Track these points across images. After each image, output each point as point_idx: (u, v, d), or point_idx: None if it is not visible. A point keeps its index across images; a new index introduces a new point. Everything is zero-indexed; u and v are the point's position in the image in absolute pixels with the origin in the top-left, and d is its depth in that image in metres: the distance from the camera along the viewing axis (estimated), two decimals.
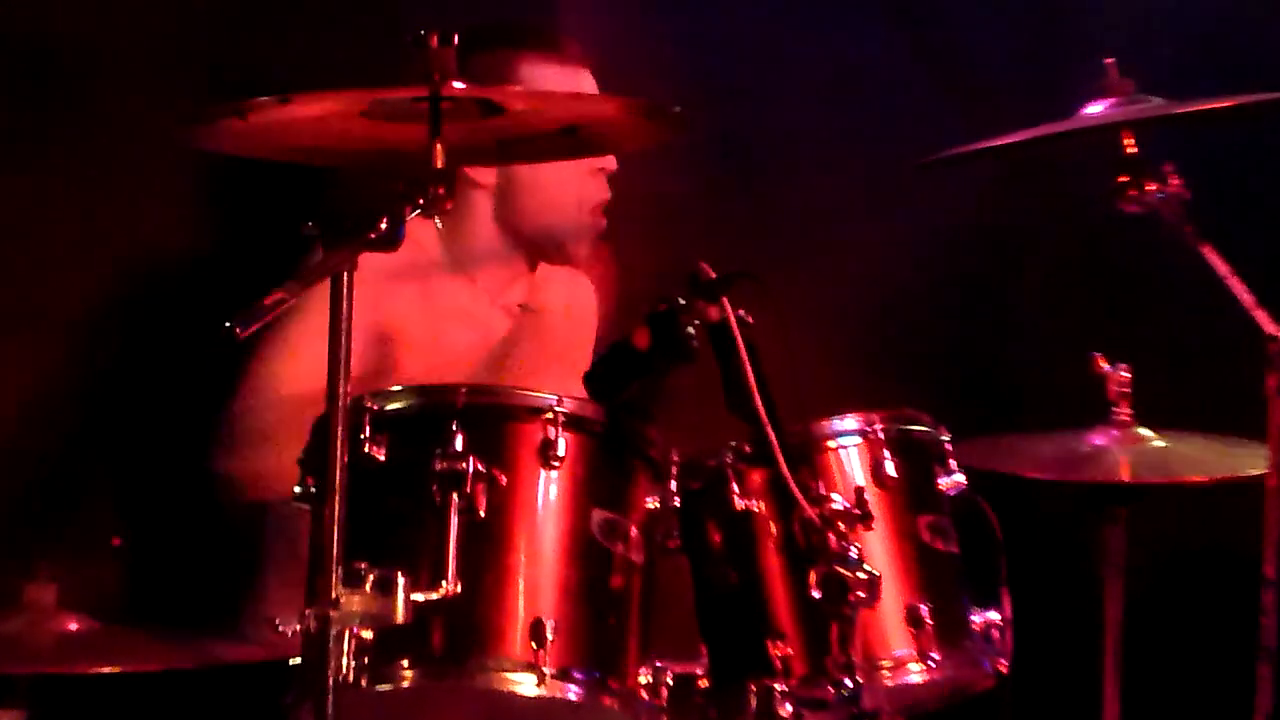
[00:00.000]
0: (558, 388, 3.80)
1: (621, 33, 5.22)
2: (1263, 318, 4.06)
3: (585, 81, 4.48)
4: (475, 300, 4.64)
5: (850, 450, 3.79)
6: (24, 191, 4.68)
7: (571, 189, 4.56)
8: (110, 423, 4.69)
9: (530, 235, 4.64)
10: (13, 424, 4.68)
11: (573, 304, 4.82)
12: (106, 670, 3.66)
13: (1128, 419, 4.50)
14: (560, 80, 4.40)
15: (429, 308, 3.79)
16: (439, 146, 3.33)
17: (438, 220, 4.15)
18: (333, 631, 3.17)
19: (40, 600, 3.68)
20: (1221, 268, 4.13)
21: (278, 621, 3.33)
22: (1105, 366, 4.47)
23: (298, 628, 3.21)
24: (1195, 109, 4.36)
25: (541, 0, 5.21)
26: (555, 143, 3.82)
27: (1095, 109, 4.32)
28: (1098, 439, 4.50)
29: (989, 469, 4.33)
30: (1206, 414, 4.59)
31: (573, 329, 4.78)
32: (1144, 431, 4.53)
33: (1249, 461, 4.34)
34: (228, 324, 3.52)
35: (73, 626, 3.65)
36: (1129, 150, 4.22)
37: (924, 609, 3.72)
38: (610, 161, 4.55)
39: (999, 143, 4.46)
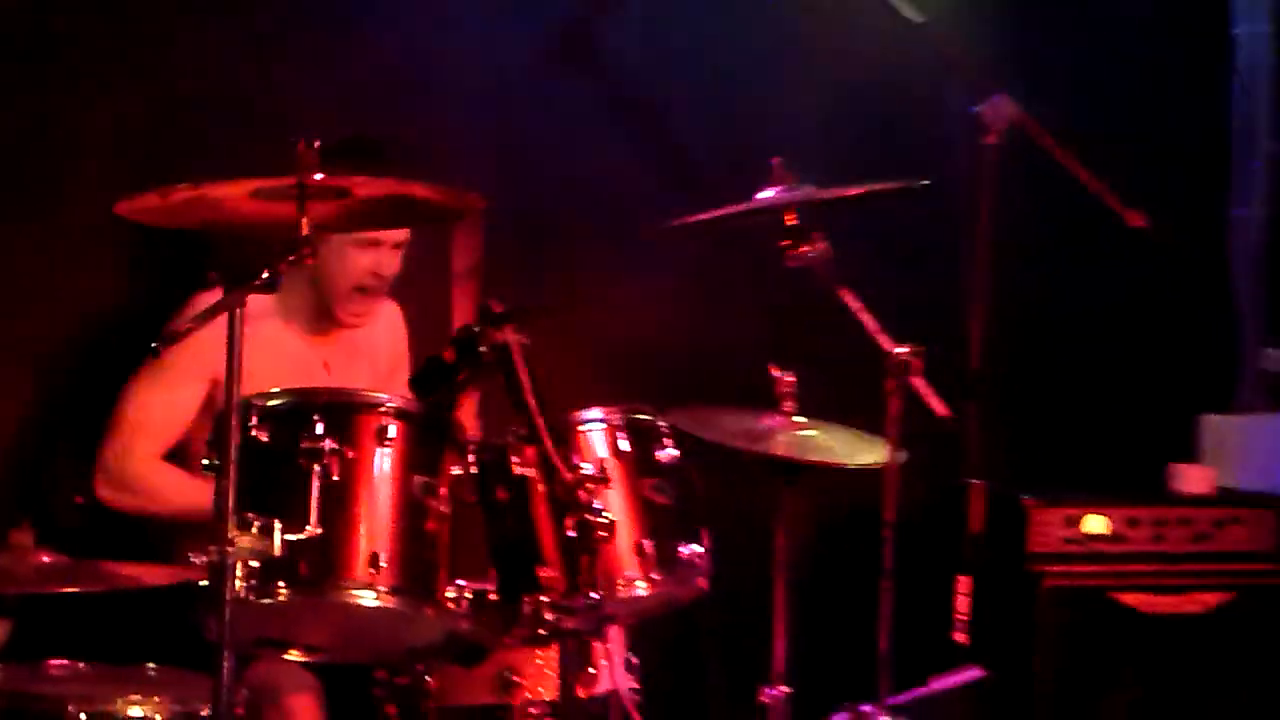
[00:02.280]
0: (376, 388, 4.20)
1: (444, 139, 5.26)
2: (884, 340, 4.33)
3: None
4: (292, 340, 4.66)
5: (595, 433, 4.04)
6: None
7: (337, 265, 4.55)
8: (71, 419, 4.77)
9: (322, 297, 4.64)
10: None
11: (388, 323, 4.90)
12: (71, 590, 3.77)
13: (790, 410, 4.54)
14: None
15: (256, 345, 3.57)
16: (304, 219, 3.51)
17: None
18: (229, 563, 3.37)
19: (22, 542, 3.75)
20: (854, 304, 4.38)
21: (192, 556, 3.52)
22: (777, 373, 4.52)
23: (205, 560, 3.40)
24: (832, 195, 4.52)
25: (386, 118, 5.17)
26: (385, 215, 4.11)
27: (766, 194, 4.45)
28: (769, 423, 4.52)
29: (706, 443, 4.39)
30: (851, 409, 4.58)
31: (389, 345, 4.89)
32: (800, 420, 4.56)
33: (876, 442, 4.48)
34: (153, 344, 3.88)
35: (46, 559, 3.73)
36: (789, 222, 4.39)
37: (647, 544, 4.00)
38: (397, 235, 4.57)
39: (701, 218, 4.59)
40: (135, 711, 3.80)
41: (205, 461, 3.68)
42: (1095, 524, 5.80)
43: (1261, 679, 5.85)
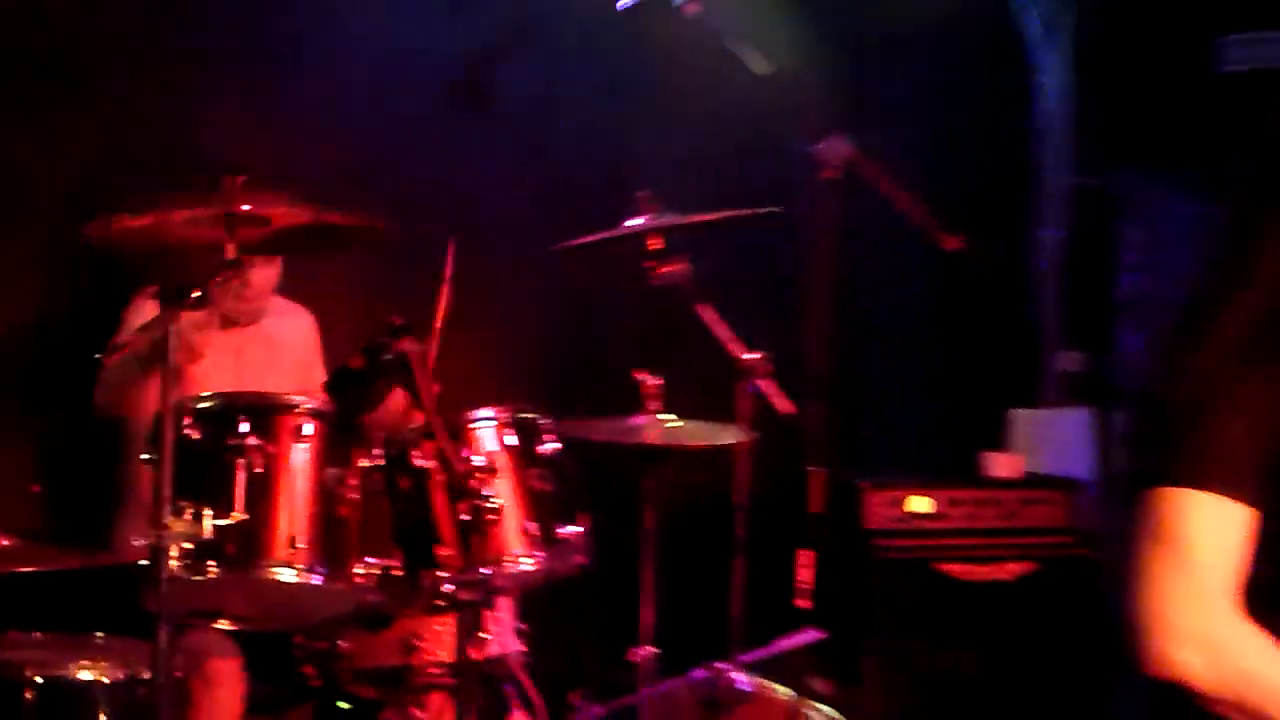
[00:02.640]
0: (287, 387, 4.22)
1: (355, 171, 5.23)
2: (736, 347, 4.42)
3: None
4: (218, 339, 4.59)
5: (485, 429, 4.05)
6: None
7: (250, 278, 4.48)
8: (28, 413, 4.77)
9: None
10: None
11: (299, 329, 4.88)
12: (27, 570, 3.80)
13: (657, 408, 4.55)
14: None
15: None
16: (230, 245, 3.60)
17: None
18: (165, 545, 3.45)
19: None
20: (710, 317, 4.45)
21: (134, 539, 3.62)
22: (645, 377, 4.52)
23: (145, 543, 3.47)
24: (690, 221, 4.58)
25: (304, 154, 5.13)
26: (303, 241, 4.14)
27: (634, 221, 4.50)
28: (637, 420, 4.55)
29: (583, 437, 4.45)
30: (709, 406, 4.64)
31: (301, 346, 4.86)
32: (665, 416, 4.58)
33: (730, 434, 4.54)
34: (96, 355, 3.89)
35: (4, 543, 3.76)
36: (654, 246, 4.45)
37: (531, 526, 4.03)
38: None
39: (579, 242, 4.61)
40: (85, 675, 3.83)
41: (145, 456, 3.67)
42: (920, 504, 5.88)
43: (1061, 636, 5.87)
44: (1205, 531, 2.34)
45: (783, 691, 4.69)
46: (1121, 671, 2.41)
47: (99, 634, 4.09)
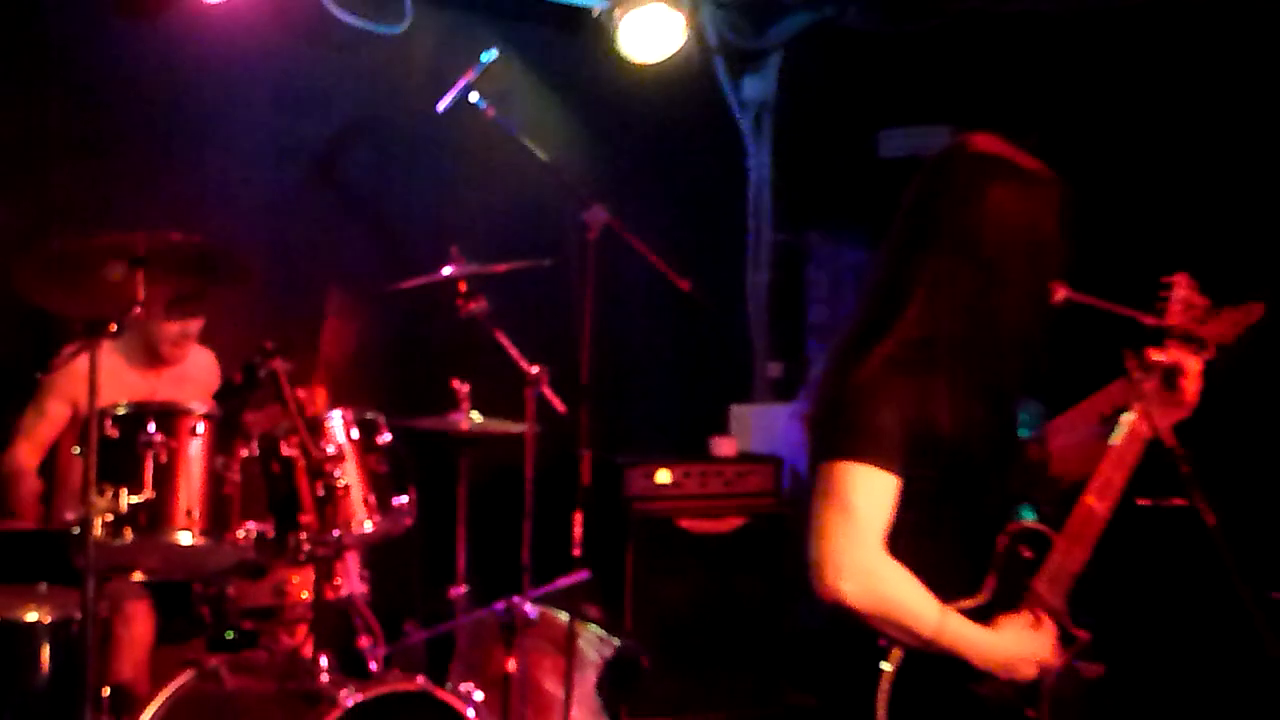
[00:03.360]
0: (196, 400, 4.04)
1: (236, 235, 4.96)
2: (523, 363, 4.50)
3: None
4: (131, 375, 4.49)
5: (336, 425, 3.96)
6: None
7: (157, 326, 4.43)
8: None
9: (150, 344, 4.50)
10: None
11: (203, 364, 4.74)
12: None
13: (467, 407, 4.52)
14: None
15: (106, 379, 3.50)
16: (140, 287, 3.47)
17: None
18: (91, 516, 3.40)
19: None
20: (504, 340, 4.52)
21: (66, 513, 3.63)
22: (457, 384, 4.53)
23: (75, 515, 3.47)
24: (488, 270, 4.54)
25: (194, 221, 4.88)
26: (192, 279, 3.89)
27: (447, 269, 4.52)
28: (453, 416, 4.52)
29: (411, 429, 4.46)
30: (504, 406, 4.64)
31: (201, 375, 4.70)
32: (475, 414, 4.57)
33: (520, 426, 4.57)
34: (38, 372, 3.82)
35: None
36: (461, 288, 4.48)
37: (371, 498, 3.96)
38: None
39: (406, 284, 4.58)
40: (30, 617, 3.75)
41: (75, 449, 3.66)
42: (664, 476, 5.92)
43: (766, 571, 6.01)
44: (864, 493, 2.45)
45: (562, 617, 4.67)
46: (806, 597, 2.50)
47: (42, 584, 4.01)
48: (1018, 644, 2.56)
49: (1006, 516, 2.66)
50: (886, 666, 2.48)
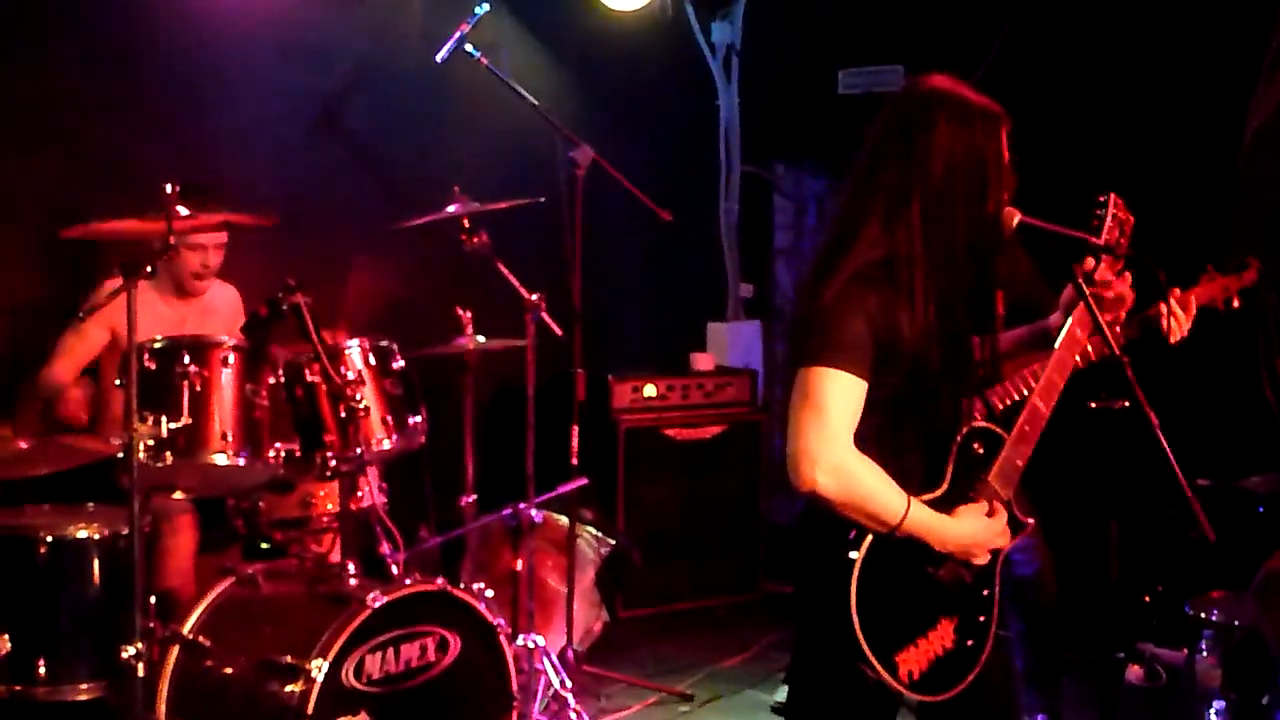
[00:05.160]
0: (225, 332, 4.05)
1: (250, 176, 5.07)
2: (523, 291, 4.44)
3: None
4: (163, 306, 4.44)
5: (354, 353, 3.92)
6: None
7: (181, 261, 4.34)
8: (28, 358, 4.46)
9: (177, 279, 4.46)
10: None
11: (227, 299, 4.67)
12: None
13: (471, 332, 4.45)
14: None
15: (143, 310, 3.50)
16: (172, 237, 3.49)
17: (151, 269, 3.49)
18: (134, 441, 3.40)
19: (4, 434, 3.77)
20: (505, 270, 4.47)
21: (113, 439, 3.61)
22: (460, 311, 4.46)
23: (120, 441, 3.46)
24: (488, 208, 4.49)
25: (211, 165, 5.00)
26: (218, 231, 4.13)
27: (451, 208, 4.46)
28: (459, 340, 4.45)
29: (432, 352, 4.41)
30: (506, 330, 4.57)
31: (226, 308, 4.63)
32: (478, 337, 4.48)
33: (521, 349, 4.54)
34: (80, 314, 3.82)
35: (23, 445, 3.72)
36: (465, 224, 4.43)
37: (388, 418, 3.94)
38: (218, 238, 4.39)
39: (414, 222, 4.50)
40: (82, 534, 3.78)
41: (118, 381, 3.60)
42: (650, 390, 5.98)
43: (744, 473, 6.09)
44: (836, 395, 2.46)
45: (563, 520, 4.78)
46: (785, 490, 2.53)
47: (90, 504, 4.03)
48: (974, 530, 2.59)
49: (961, 416, 2.68)
50: (855, 555, 2.49)
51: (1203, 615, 3.83)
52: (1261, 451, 4.38)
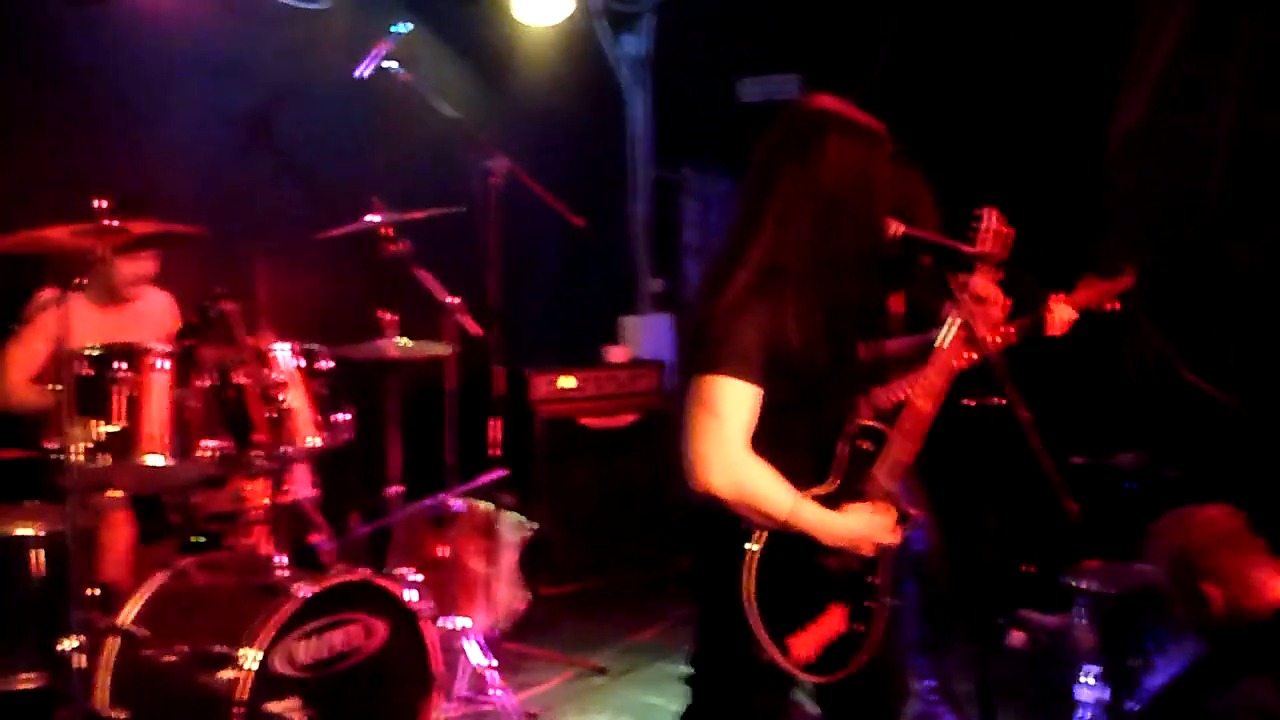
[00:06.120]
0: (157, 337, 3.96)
1: (181, 188, 4.95)
2: (442, 294, 4.45)
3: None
4: (94, 314, 4.29)
5: (283, 355, 3.83)
6: None
7: (115, 269, 4.25)
8: None
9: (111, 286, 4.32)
10: None
11: (159, 304, 4.57)
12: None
13: (394, 334, 4.43)
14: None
15: (77, 319, 3.55)
16: (104, 250, 3.46)
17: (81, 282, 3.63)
18: (69, 445, 3.37)
19: None
20: (424, 275, 4.46)
21: (45, 444, 3.56)
22: (385, 314, 4.42)
23: (56, 445, 3.41)
24: (407, 217, 4.43)
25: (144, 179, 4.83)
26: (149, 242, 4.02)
27: (371, 217, 4.43)
28: (381, 342, 4.40)
29: (347, 356, 4.22)
30: (426, 331, 4.55)
31: (158, 314, 4.53)
32: (402, 340, 4.44)
33: (440, 349, 4.55)
34: (12, 325, 3.72)
35: None
36: (384, 231, 4.41)
37: (316, 416, 3.87)
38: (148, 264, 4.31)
39: (335, 232, 4.49)
40: (25, 530, 3.74)
41: (54, 387, 3.53)
42: (567, 381, 5.99)
43: (656, 458, 6.06)
44: (730, 402, 2.47)
45: (485, 507, 4.78)
46: (682, 490, 2.53)
47: (33, 501, 3.97)
48: (861, 525, 2.61)
49: (848, 415, 2.70)
50: (752, 547, 2.51)
51: (1077, 584, 3.88)
52: (1129, 431, 4.50)
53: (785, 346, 2.52)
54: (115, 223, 3.43)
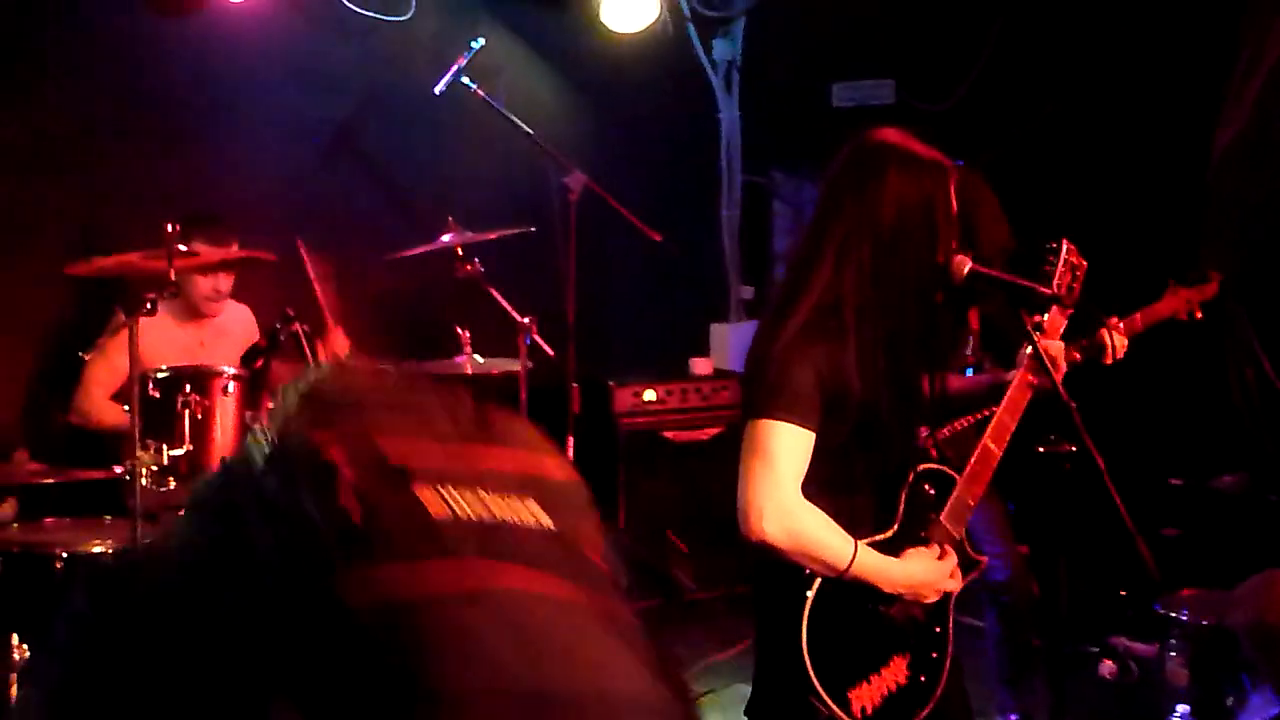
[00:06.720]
0: (234, 360, 4.00)
1: (261, 207, 4.92)
2: (515, 313, 4.41)
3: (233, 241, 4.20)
4: (178, 329, 4.32)
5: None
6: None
7: (193, 286, 4.22)
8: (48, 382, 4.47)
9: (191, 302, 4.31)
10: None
11: (241, 318, 4.58)
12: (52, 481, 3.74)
13: (470, 351, 4.47)
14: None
15: (161, 332, 3.69)
16: (172, 269, 3.45)
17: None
18: (137, 468, 3.38)
19: (21, 459, 3.76)
20: (497, 294, 4.44)
21: (116, 468, 3.57)
22: (460, 330, 4.49)
23: (124, 468, 3.46)
24: (481, 237, 4.46)
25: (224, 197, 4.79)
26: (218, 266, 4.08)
27: (445, 237, 4.45)
28: (458, 359, 4.45)
29: (424, 372, 4.33)
30: (501, 349, 4.58)
31: (239, 328, 4.54)
32: (477, 356, 4.51)
33: (515, 366, 4.53)
34: (80, 353, 3.77)
35: (33, 467, 3.69)
36: (458, 251, 4.42)
37: None
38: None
39: (413, 251, 4.49)
40: (97, 548, 3.68)
41: (125, 408, 3.57)
42: (650, 394, 5.89)
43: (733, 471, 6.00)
44: (783, 447, 2.40)
45: None
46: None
47: (106, 517, 3.94)
48: (922, 572, 2.52)
49: (911, 458, 2.60)
50: (808, 594, 2.43)
51: (1172, 614, 3.72)
52: (1231, 452, 4.29)
53: (845, 387, 2.44)
54: (184, 247, 3.47)
